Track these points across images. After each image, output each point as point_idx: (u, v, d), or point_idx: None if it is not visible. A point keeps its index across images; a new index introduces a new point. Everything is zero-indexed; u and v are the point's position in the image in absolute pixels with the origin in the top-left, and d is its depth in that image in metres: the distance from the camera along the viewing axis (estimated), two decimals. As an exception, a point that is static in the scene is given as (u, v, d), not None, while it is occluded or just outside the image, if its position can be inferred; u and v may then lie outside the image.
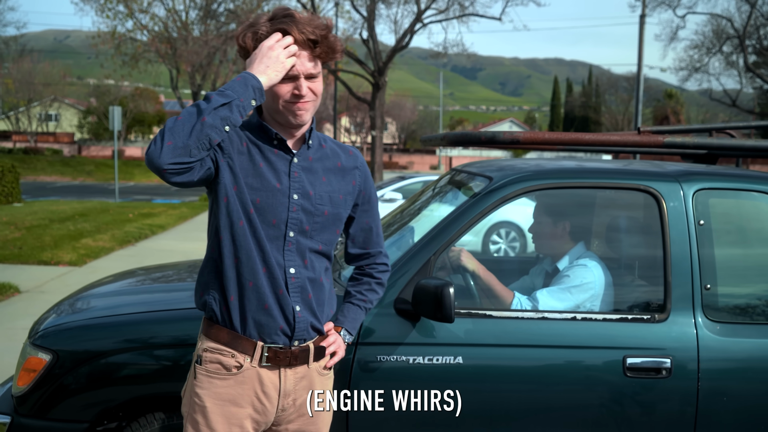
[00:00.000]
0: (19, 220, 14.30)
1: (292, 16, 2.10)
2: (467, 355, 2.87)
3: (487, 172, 3.33)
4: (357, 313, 2.44)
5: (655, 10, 36.18)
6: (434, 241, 3.02)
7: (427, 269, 2.96)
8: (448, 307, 2.68)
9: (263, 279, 2.15)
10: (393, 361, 2.84)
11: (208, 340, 2.21)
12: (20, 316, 6.91)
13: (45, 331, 3.05)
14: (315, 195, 2.21)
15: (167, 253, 11.43)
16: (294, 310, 2.18)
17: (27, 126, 60.83)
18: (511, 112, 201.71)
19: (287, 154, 2.20)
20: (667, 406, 2.91)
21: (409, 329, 2.88)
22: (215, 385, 2.18)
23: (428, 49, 33.09)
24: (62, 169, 44.91)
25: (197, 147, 1.96)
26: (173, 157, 1.94)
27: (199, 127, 1.95)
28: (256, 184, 2.14)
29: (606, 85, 76.99)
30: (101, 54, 33.15)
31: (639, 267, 3.54)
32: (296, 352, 2.21)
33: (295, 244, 2.19)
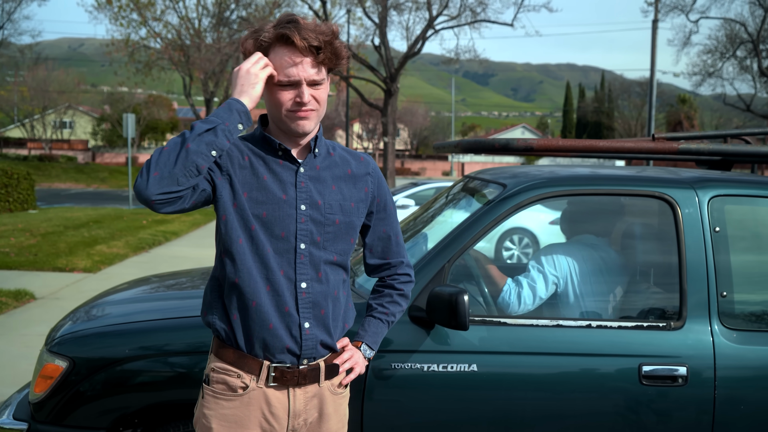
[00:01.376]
0: (35, 226, 14.40)
1: (296, 22, 2.05)
2: (482, 363, 2.86)
3: (501, 179, 3.32)
4: (379, 327, 2.36)
5: (668, 15, 36.05)
6: (448, 249, 3.01)
7: (442, 277, 2.95)
8: (462, 314, 2.67)
9: (266, 298, 2.08)
10: (407, 369, 2.83)
11: (216, 360, 2.16)
12: (36, 323, 6.95)
13: (62, 338, 3.07)
14: (324, 204, 2.14)
15: (181, 259, 11.47)
16: (302, 328, 2.10)
17: (42, 133, 61.27)
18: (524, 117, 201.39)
19: (293, 164, 2.14)
20: (683, 415, 2.89)
21: (423, 337, 2.87)
22: (221, 406, 2.13)
23: (440, 55, 33.12)
24: (76, 176, 45.20)
25: (184, 175, 1.91)
26: (161, 188, 1.90)
27: (184, 155, 1.91)
28: (261, 198, 2.09)
29: (619, 90, 76.72)
30: (115, 62, 33.38)
31: (654, 274, 3.52)
32: (305, 372, 2.13)
33: (308, 257, 2.12)
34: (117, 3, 32.54)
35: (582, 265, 3.30)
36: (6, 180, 18.57)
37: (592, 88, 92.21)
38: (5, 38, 43.58)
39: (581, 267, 3.29)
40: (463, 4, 29.14)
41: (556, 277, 3.25)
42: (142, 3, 32.18)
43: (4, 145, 64.07)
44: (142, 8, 32.22)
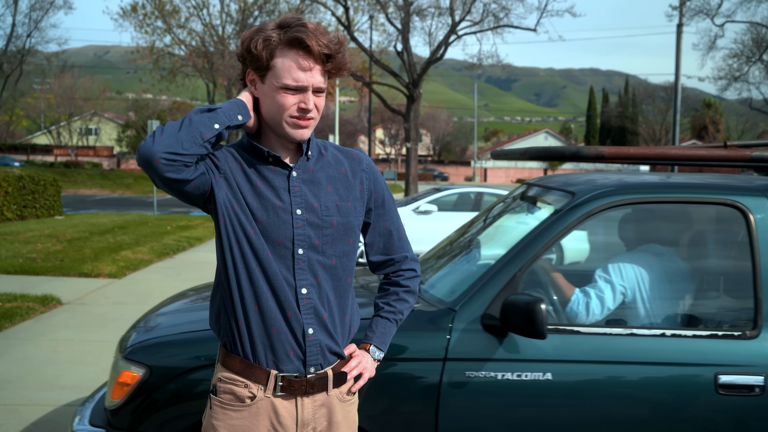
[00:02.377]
0: (61, 232, 14.55)
1: (305, 25, 1.99)
2: (557, 372, 2.84)
3: (568, 187, 3.30)
4: (387, 327, 2.32)
5: (693, 19, 35.65)
6: (519, 257, 3.01)
7: (514, 285, 2.94)
8: (540, 323, 2.66)
9: (269, 302, 2.05)
10: (482, 378, 2.82)
11: (223, 369, 2.13)
12: (62, 328, 7.02)
13: (138, 346, 3.06)
14: (320, 207, 2.10)
15: (205, 265, 11.54)
16: (305, 333, 2.07)
17: (68, 140, 62.05)
18: (547, 123, 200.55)
19: (284, 169, 2.09)
20: (761, 425, 2.84)
21: (496, 345, 2.86)
22: (229, 416, 2.09)
23: (462, 60, 33.08)
24: (102, 182, 45.67)
25: (189, 140, 1.91)
26: (166, 147, 1.89)
27: (188, 123, 1.93)
28: (256, 204, 2.05)
29: (643, 95, 76.20)
30: (140, 69, 33.76)
31: (724, 282, 3.48)
32: (312, 380, 2.09)
33: (306, 262, 2.07)
34: (142, 11, 32.92)
35: (650, 274, 3.26)
36: (33, 186, 18.80)
37: (616, 92, 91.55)
38: (32, 46, 44.19)
39: (649, 276, 3.25)
40: (486, 10, 29.09)
41: (623, 287, 3.22)
42: (166, 11, 32.52)
43: (31, 151, 64.91)
44: (167, 16, 32.55)
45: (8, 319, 7.06)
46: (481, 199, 13.49)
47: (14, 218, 17.71)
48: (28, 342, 6.46)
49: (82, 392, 5.10)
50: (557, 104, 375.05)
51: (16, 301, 7.86)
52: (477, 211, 13.29)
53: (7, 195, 17.45)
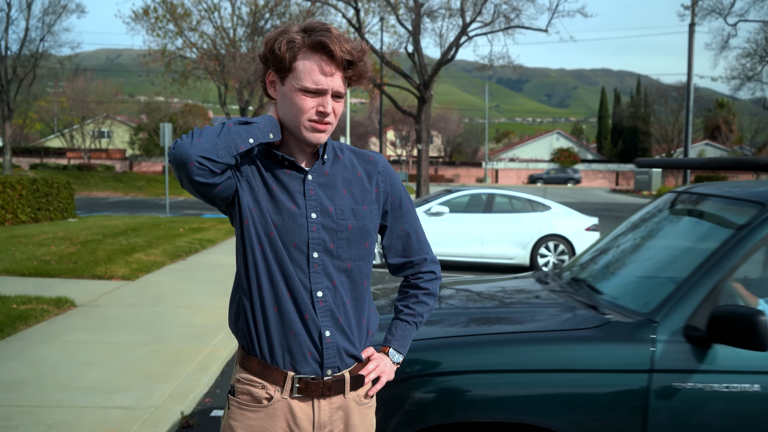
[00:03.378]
0: (74, 235, 14.64)
1: (330, 31, 2.01)
2: (765, 383, 2.82)
3: (751, 197, 3.27)
4: (406, 330, 2.32)
5: (705, 19, 35.46)
6: (717, 269, 2.98)
7: (714, 297, 2.93)
8: (762, 335, 2.64)
9: (288, 304, 2.07)
10: (690, 389, 2.81)
11: (241, 370, 2.16)
12: (76, 330, 7.06)
13: None
14: (335, 210, 2.11)
15: (217, 266, 11.58)
16: (322, 336, 2.08)
17: (81, 143, 62.36)
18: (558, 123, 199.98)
19: (300, 173, 2.11)
20: None
21: (701, 356, 2.85)
22: (247, 417, 2.12)
23: (473, 61, 33.03)
24: (114, 184, 45.89)
25: (224, 149, 1.93)
26: (202, 151, 1.91)
27: (226, 131, 1.94)
28: (272, 208, 2.07)
29: (655, 95, 75.77)
30: (152, 72, 33.87)
31: None
32: (329, 383, 2.11)
33: (321, 265, 2.09)
34: (154, 14, 33.05)
35: None
36: (47, 189, 18.91)
37: (628, 93, 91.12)
38: (46, 50, 44.41)
39: None
40: (497, 11, 29.04)
41: None
42: (178, 14, 32.63)
43: (45, 154, 65.29)
44: (179, 19, 32.67)
45: (23, 321, 7.11)
46: (492, 200, 13.46)
47: (28, 221, 17.82)
48: (43, 344, 6.50)
49: (96, 394, 5.13)
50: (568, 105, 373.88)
51: (31, 303, 7.91)
52: (489, 212, 13.26)
53: (22, 198, 17.56)
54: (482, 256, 13.03)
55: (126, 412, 4.80)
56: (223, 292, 9.25)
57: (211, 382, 5.77)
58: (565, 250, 12.83)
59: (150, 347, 6.48)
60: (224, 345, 6.65)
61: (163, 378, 5.57)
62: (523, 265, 13.07)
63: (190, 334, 7.02)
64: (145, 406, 4.93)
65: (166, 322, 7.50)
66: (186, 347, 6.53)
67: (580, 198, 43.85)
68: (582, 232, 12.95)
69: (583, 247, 12.90)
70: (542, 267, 12.85)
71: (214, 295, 9.04)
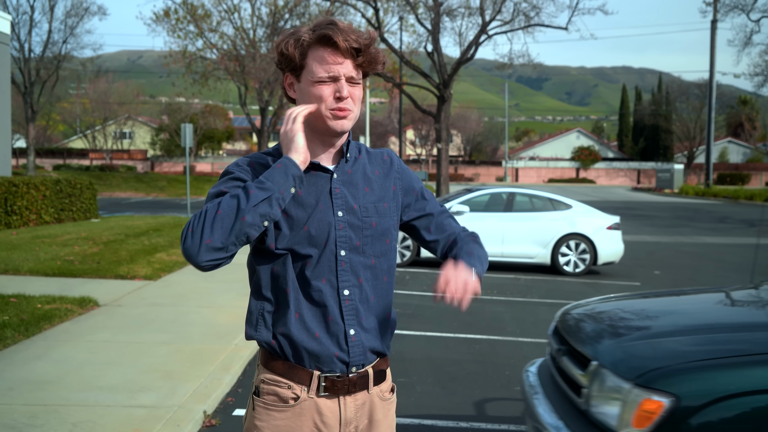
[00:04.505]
0: (97, 235, 14.77)
1: (335, 24, 2.05)
2: None
3: None
4: (473, 252, 2.27)
5: (728, 15, 35.14)
6: None
7: None
8: None
9: (310, 309, 2.08)
10: None
11: (265, 371, 2.15)
12: (99, 329, 7.12)
13: (656, 372, 2.94)
14: (360, 208, 2.13)
15: (236, 267, 11.57)
16: (347, 335, 2.10)
17: (103, 144, 62.94)
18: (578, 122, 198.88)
19: (325, 173, 2.13)
20: None
21: None
22: (273, 417, 2.12)
23: (493, 60, 32.92)
24: (136, 185, 46.25)
25: (234, 244, 1.93)
26: (210, 255, 1.91)
27: (239, 227, 1.92)
28: (298, 208, 2.08)
29: (677, 92, 75.15)
30: (173, 73, 34.13)
31: None
32: (354, 379, 2.13)
33: (349, 263, 2.11)
34: (174, 15, 33.27)
35: None
36: (70, 190, 19.10)
37: (649, 90, 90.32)
38: (68, 52, 44.92)
39: None
40: (517, 9, 28.93)
41: None
42: (198, 15, 32.84)
43: (68, 155, 65.96)
44: (199, 20, 32.87)
45: (48, 321, 7.18)
46: (513, 199, 13.41)
47: (52, 221, 18.01)
48: (67, 343, 6.56)
49: (119, 393, 5.17)
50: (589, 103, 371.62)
51: (55, 302, 7.99)
52: (510, 211, 13.21)
53: (45, 198, 17.75)
54: (503, 255, 12.98)
55: (149, 411, 4.83)
56: (244, 292, 9.29)
57: (233, 382, 5.80)
58: (586, 249, 12.76)
59: (172, 347, 6.53)
60: (246, 344, 6.67)
61: (186, 377, 5.61)
62: (543, 264, 13.01)
63: (211, 334, 7.05)
64: (167, 406, 4.96)
65: (187, 322, 7.54)
66: (208, 347, 6.57)
67: (602, 196, 43.58)
68: (604, 230, 12.87)
69: (605, 246, 12.82)
70: (563, 266, 12.77)
71: (235, 295, 9.08)
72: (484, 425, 5.09)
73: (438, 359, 6.84)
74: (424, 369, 6.45)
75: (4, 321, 6.96)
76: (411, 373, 6.28)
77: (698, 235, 21.00)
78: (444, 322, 8.47)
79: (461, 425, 5.07)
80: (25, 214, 16.93)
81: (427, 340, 7.58)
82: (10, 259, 10.89)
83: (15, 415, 4.67)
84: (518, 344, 7.52)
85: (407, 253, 12.99)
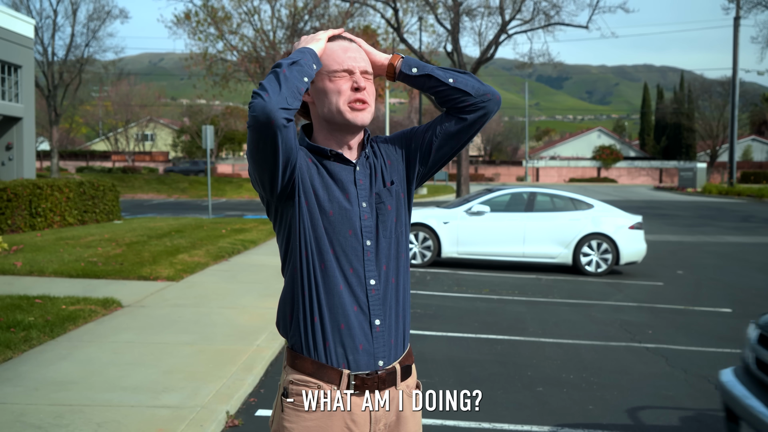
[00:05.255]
0: (120, 236, 14.89)
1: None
2: None
3: None
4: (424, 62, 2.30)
5: (751, 12, 34.72)
6: None
7: None
8: None
9: (339, 297, 2.10)
10: None
11: (293, 372, 2.16)
12: (123, 330, 7.18)
13: None
14: (379, 195, 2.20)
15: (259, 267, 11.68)
16: (372, 325, 2.12)
17: (125, 146, 63.44)
18: (599, 120, 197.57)
19: (348, 165, 2.19)
20: None
21: None
22: (303, 418, 2.12)
23: (512, 59, 32.81)
24: (158, 186, 46.59)
25: (291, 96, 1.97)
26: (279, 103, 1.93)
27: (283, 78, 1.98)
28: (327, 197, 2.13)
29: (699, 90, 74.48)
30: (193, 75, 34.30)
31: None
32: (383, 376, 2.14)
33: (374, 252, 2.15)
34: (195, 18, 33.46)
35: None
36: (93, 192, 19.28)
37: (671, 89, 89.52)
38: (90, 55, 45.37)
39: None
40: (537, 8, 28.81)
41: None
42: (219, 17, 32.99)
43: (90, 158, 66.60)
44: (219, 22, 33.01)
45: (72, 322, 7.25)
46: (534, 199, 13.36)
47: (75, 223, 18.18)
48: (91, 344, 6.62)
49: (143, 393, 5.22)
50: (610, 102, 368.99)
51: (79, 303, 8.07)
52: (531, 211, 13.15)
53: (69, 200, 17.92)
54: (524, 255, 12.93)
55: (173, 412, 4.87)
56: (266, 292, 9.33)
57: (256, 382, 5.82)
58: (608, 249, 12.67)
59: (195, 347, 6.57)
60: (268, 345, 6.70)
61: (209, 378, 5.64)
62: (565, 264, 12.95)
63: (234, 335, 7.09)
64: (191, 406, 4.99)
65: (210, 323, 7.59)
66: (230, 347, 6.61)
67: (623, 196, 43.28)
68: (626, 230, 12.78)
69: (627, 245, 12.73)
70: (585, 266, 12.70)
71: (257, 296, 9.12)
72: (506, 426, 5.08)
73: (459, 360, 6.83)
74: (446, 370, 6.45)
75: (30, 322, 7.04)
76: (432, 373, 6.27)
77: (722, 234, 20.79)
78: (465, 323, 8.46)
79: (483, 426, 5.06)
80: (50, 216, 17.11)
81: (448, 341, 7.57)
82: (35, 261, 11.02)
83: (41, 415, 4.73)
84: (540, 345, 7.49)
85: (428, 254, 12.97)
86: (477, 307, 9.45)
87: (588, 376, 6.36)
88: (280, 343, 6.81)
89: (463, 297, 10.19)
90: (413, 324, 7.83)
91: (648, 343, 7.68)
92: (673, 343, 7.69)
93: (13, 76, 23.80)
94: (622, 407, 5.54)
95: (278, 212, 2.17)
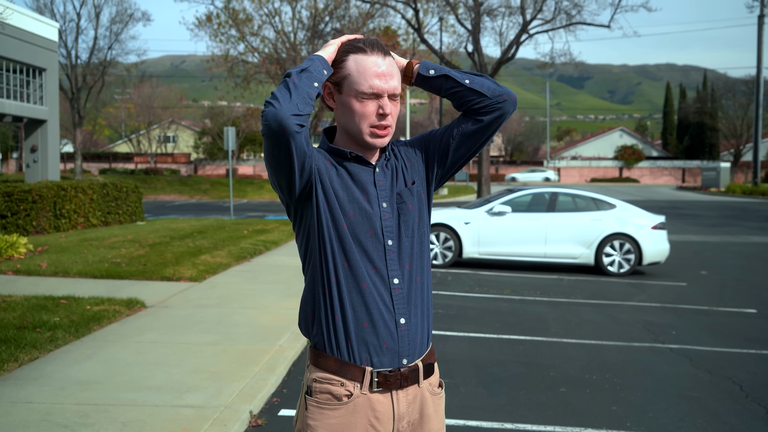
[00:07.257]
0: (143, 237, 15.01)
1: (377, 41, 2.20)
2: None
3: None
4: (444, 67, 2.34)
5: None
6: None
7: None
8: None
9: (363, 296, 2.12)
10: None
11: (316, 370, 2.17)
12: (147, 330, 7.24)
13: None
14: (400, 196, 2.21)
15: (281, 268, 11.72)
16: (398, 324, 2.13)
17: (147, 148, 63.91)
18: (621, 120, 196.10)
19: (367, 166, 2.21)
20: None
21: None
22: (327, 416, 2.13)
23: (534, 59, 32.68)
24: (180, 188, 46.90)
25: (302, 102, 2.00)
26: (290, 110, 1.98)
27: (293, 86, 2.01)
28: (347, 198, 2.15)
29: (722, 89, 73.68)
30: (215, 77, 34.49)
31: None
32: (406, 374, 2.15)
33: (396, 252, 2.16)
34: (216, 20, 33.63)
35: None
36: (116, 193, 19.45)
37: (694, 88, 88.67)
38: (113, 58, 45.76)
39: None
40: (558, 8, 28.68)
41: None
42: (240, 19, 33.13)
43: (113, 159, 67.14)
44: (240, 24, 33.16)
45: (96, 322, 7.33)
46: (556, 199, 13.30)
47: (99, 224, 18.35)
48: (115, 344, 6.68)
49: (167, 393, 5.26)
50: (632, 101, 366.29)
51: (104, 304, 8.14)
52: (552, 211, 13.10)
53: (93, 202, 18.10)
54: (546, 255, 12.88)
55: (196, 411, 4.90)
56: (288, 293, 9.36)
57: (279, 382, 5.85)
58: (631, 249, 12.59)
59: (218, 347, 6.61)
60: (290, 345, 6.73)
61: (232, 378, 5.67)
62: (587, 265, 12.87)
63: (256, 335, 7.13)
64: (214, 406, 5.03)
65: (232, 323, 7.63)
66: (253, 347, 6.64)
67: (646, 196, 42.94)
68: (648, 230, 12.69)
69: (650, 245, 12.64)
70: (607, 266, 12.63)
71: (279, 296, 9.15)
72: (529, 426, 5.06)
73: (481, 360, 6.81)
74: (468, 370, 6.44)
75: (56, 322, 7.13)
76: (455, 374, 6.27)
77: (746, 234, 20.57)
78: (487, 323, 8.44)
79: (506, 426, 5.05)
80: (74, 217, 17.28)
81: (470, 341, 7.56)
82: (60, 262, 11.13)
83: (67, 414, 4.78)
84: (562, 345, 7.46)
85: (449, 255, 12.96)
86: (499, 308, 9.42)
87: (611, 376, 6.33)
88: (302, 344, 6.84)
89: (485, 297, 10.17)
90: (435, 324, 7.83)
91: (672, 343, 7.62)
92: (697, 344, 7.63)
93: (38, 79, 24.06)
94: (645, 408, 5.51)
95: (298, 213, 2.20)
